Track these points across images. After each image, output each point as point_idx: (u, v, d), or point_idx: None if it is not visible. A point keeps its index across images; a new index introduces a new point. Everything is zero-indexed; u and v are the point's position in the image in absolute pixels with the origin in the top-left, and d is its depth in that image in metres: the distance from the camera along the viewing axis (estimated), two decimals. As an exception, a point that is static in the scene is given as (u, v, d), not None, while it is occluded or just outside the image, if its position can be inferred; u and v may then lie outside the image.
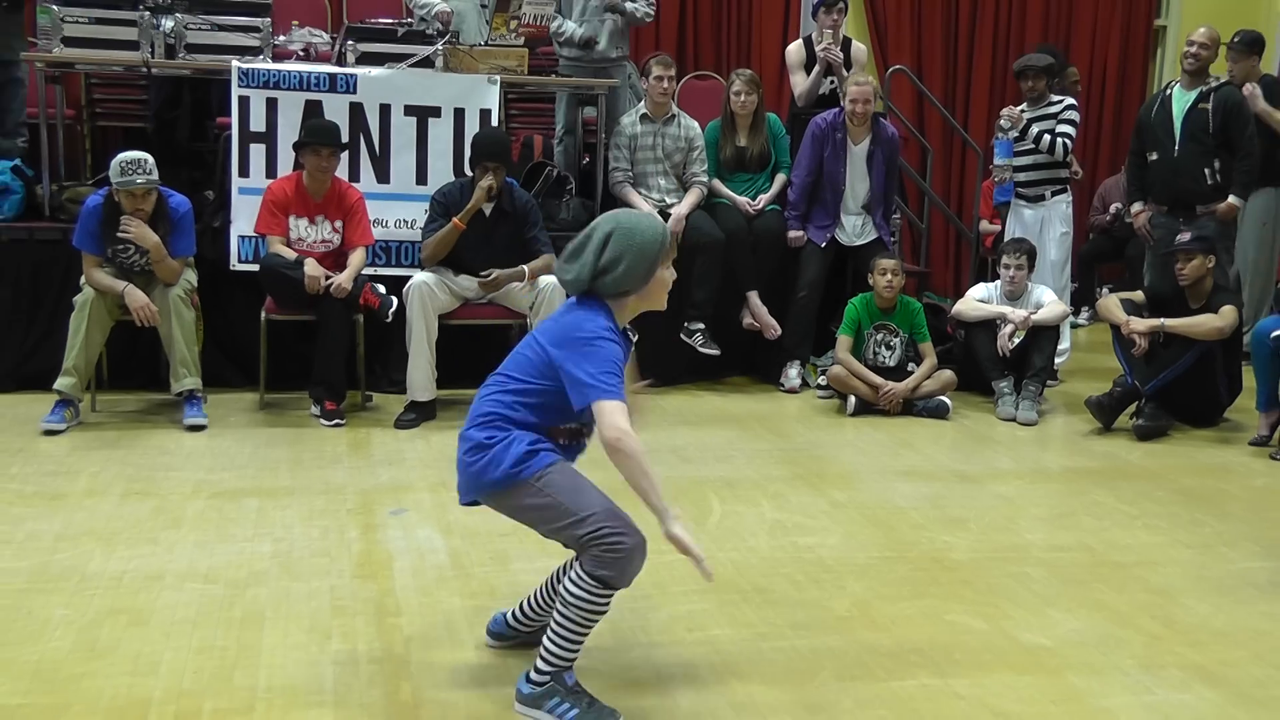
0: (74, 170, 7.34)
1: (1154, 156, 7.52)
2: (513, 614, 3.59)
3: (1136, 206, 7.80)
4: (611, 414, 3.03)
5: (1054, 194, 7.87)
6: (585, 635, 3.18)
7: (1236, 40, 8.16)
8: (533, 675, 3.21)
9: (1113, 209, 10.08)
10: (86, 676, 3.31)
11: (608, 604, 3.13)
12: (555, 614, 3.16)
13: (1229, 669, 3.60)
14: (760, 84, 7.56)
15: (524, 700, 3.23)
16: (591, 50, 7.70)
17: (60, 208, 6.78)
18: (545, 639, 3.19)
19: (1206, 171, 7.33)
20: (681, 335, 7.18)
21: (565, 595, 3.11)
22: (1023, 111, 7.83)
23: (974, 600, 4.08)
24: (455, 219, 6.21)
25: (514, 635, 3.59)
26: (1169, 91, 7.54)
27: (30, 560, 4.16)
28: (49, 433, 5.77)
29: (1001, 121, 7.84)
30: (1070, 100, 7.91)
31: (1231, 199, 7.35)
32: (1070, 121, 7.75)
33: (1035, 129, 7.70)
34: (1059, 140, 7.67)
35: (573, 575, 3.11)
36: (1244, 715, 3.31)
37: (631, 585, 3.00)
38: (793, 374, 7.33)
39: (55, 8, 6.67)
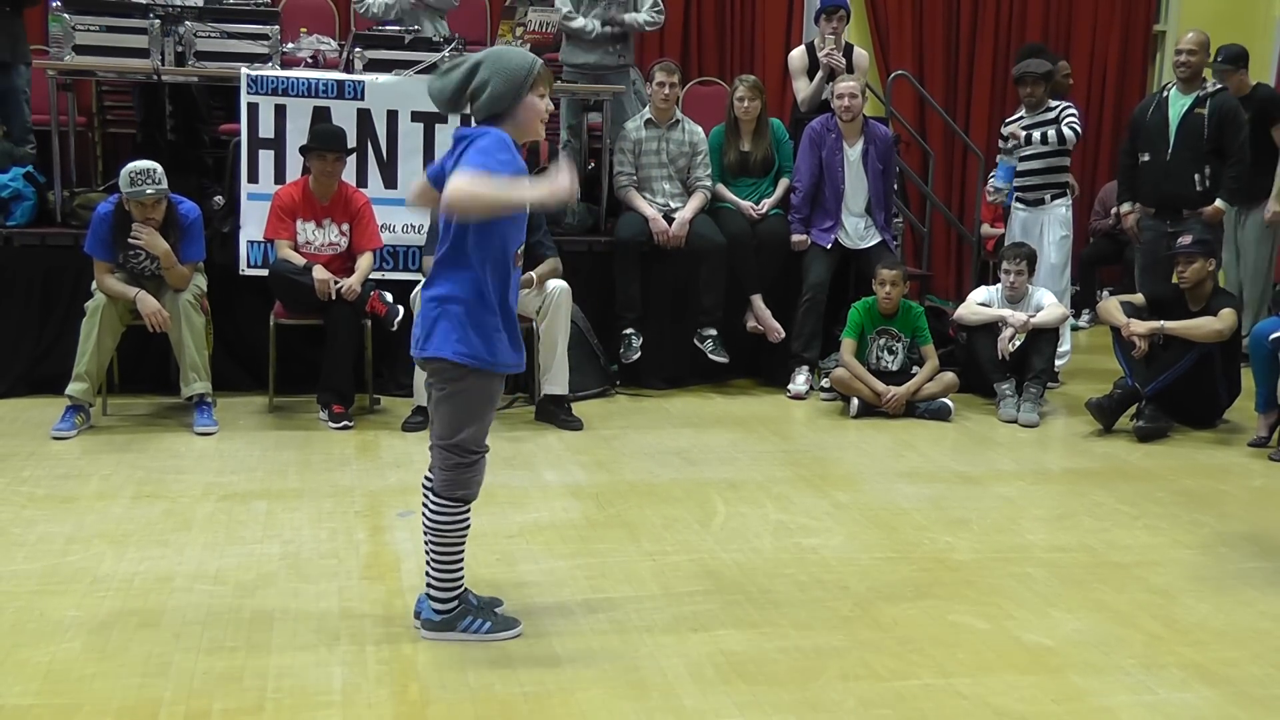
0: (85, 177, 7.39)
1: (1145, 158, 7.54)
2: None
3: (1125, 207, 7.84)
4: (457, 177, 3.25)
5: (1053, 198, 7.89)
6: (461, 551, 3.61)
7: (1220, 60, 8.12)
8: (436, 606, 3.62)
9: (1114, 212, 10.12)
10: (98, 677, 3.35)
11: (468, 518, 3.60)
12: (427, 545, 3.60)
13: (1229, 668, 3.62)
14: (763, 89, 7.60)
15: (435, 627, 3.64)
16: (614, 16, 7.82)
17: (72, 214, 6.82)
18: (430, 569, 3.61)
19: (1196, 177, 7.34)
20: (695, 341, 7.23)
21: (428, 522, 3.57)
22: (1021, 117, 7.89)
23: (976, 600, 4.11)
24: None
25: None
26: (1165, 94, 7.55)
27: (42, 562, 4.20)
28: (59, 439, 5.82)
29: (1006, 144, 7.89)
30: (1068, 104, 7.95)
31: (1218, 203, 7.37)
32: (1072, 115, 7.79)
33: (1036, 134, 7.74)
34: (1065, 129, 7.70)
35: (430, 503, 3.56)
36: (1244, 714, 3.34)
37: (636, 585, 3.05)
38: (800, 380, 7.35)
39: (67, 16, 6.72)
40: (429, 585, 3.64)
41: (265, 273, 6.48)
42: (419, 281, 6.41)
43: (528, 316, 6.46)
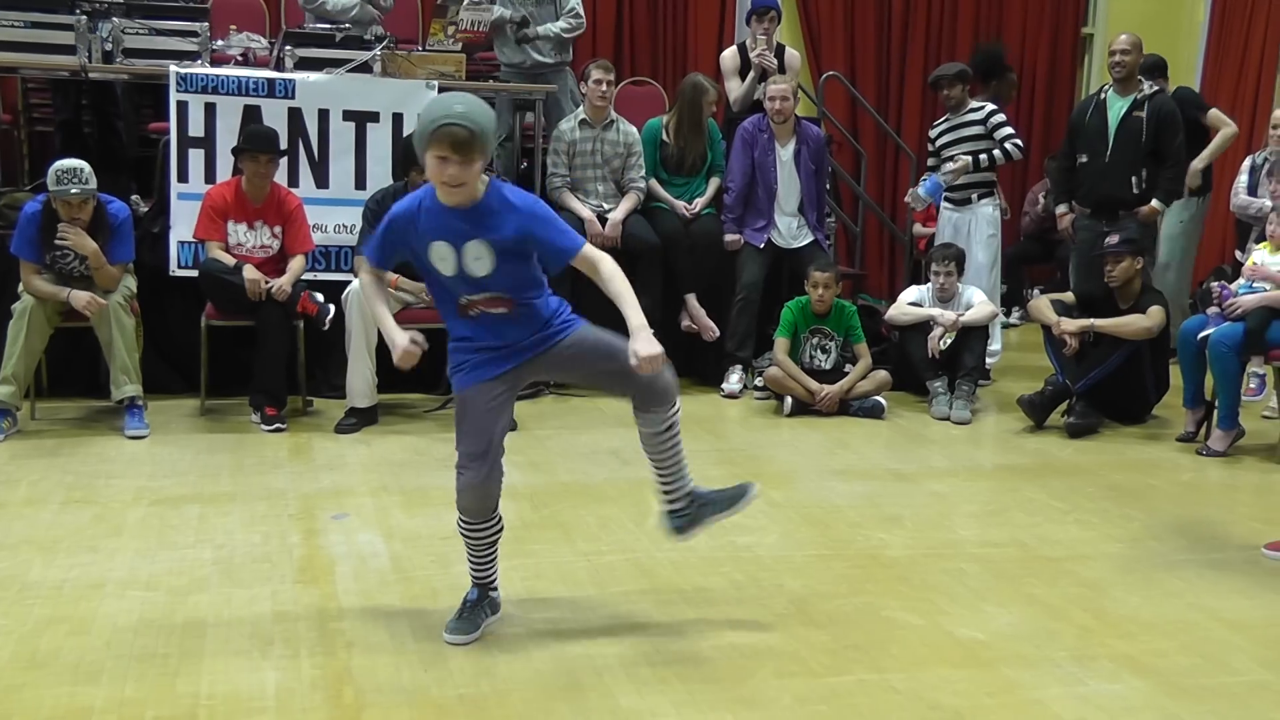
0: (11, 176, 7.27)
1: (1083, 159, 7.60)
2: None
3: (1061, 209, 7.92)
4: None
5: (980, 197, 7.97)
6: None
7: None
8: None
9: (1040, 196, 10.28)
10: (27, 686, 3.29)
11: None
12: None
13: (1158, 659, 3.68)
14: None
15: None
16: (526, 33, 7.80)
17: (-3, 214, 6.73)
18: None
19: (1134, 179, 7.40)
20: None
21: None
22: (946, 118, 8.00)
23: (910, 596, 4.14)
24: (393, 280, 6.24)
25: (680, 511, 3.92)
26: (1103, 96, 7.61)
27: (-32, 570, 4.14)
28: (-15, 443, 5.74)
29: (940, 163, 7.97)
30: (992, 106, 8.02)
31: (1154, 203, 7.45)
32: (1004, 124, 7.88)
33: (984, 157, 7.81)
34: (1009, 146, 7.81)
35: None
36: (1173, 704, 3.39)
37: (571, 585, 3.04)
38: (734, 379, 7.37)
39: (-10, 12, 6.62)
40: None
41: (196, 273, 6.41)
42: (350, 281, 6.37)
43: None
